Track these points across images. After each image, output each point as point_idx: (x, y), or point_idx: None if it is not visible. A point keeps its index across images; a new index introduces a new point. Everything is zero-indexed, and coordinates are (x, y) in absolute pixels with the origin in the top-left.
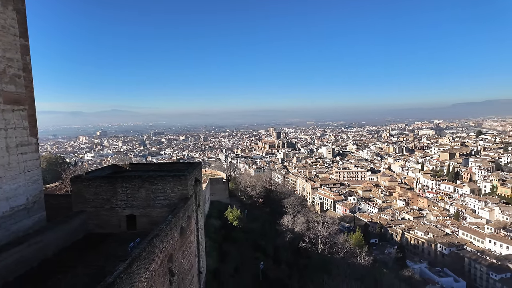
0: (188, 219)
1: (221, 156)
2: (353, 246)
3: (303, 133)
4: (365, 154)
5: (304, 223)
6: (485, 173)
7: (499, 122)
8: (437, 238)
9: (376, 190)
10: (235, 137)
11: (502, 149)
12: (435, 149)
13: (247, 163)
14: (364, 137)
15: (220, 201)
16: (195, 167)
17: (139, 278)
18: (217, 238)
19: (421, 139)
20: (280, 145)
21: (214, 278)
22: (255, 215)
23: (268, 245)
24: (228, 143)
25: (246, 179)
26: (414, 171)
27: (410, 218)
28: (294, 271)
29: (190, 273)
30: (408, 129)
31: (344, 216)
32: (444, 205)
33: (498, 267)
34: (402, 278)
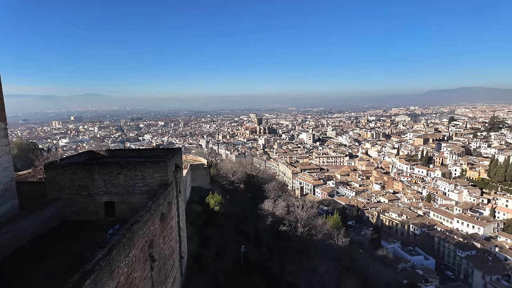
0: (169, 205)
1: (202, 142)
2: (331, 228)
3: (284, 119)
4: (344, 139)
5: (284, 207)
6: (456, 157)
7: (470, 109)
8: (410, 219)
9: (354, 175)
10: (216, 123)
11: (472, 135)
12: (411, 135)
13: (229, 149)
14: (343, 123)
15: (202, 187)
16: (175, 153)
17: (119, 265)
18: (199, 223)
19: (398, 125)
20: (261, 131)
21: (196, 262)
22: (236, 200)
23: (249, 229)
24: (209, 129)
25: (227, 165)
26: (390, 156)
27: (385, 201)
28: (274, 254)
29: (172, 258)
30: (386, 115)
31: (323, 200)
32: (417, 188)
33: (464, 245)
34: (376, 258)
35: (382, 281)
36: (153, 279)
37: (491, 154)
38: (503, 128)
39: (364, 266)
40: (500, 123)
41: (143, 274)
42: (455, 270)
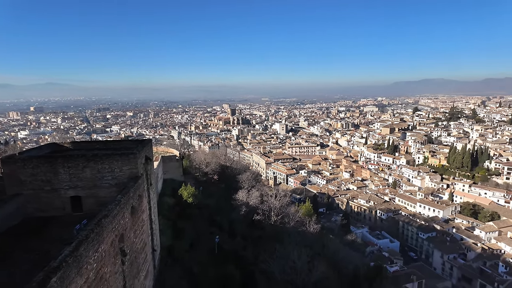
0: (139, 198)
1: (174, 133)
2: (303, 216)
3: (257, 110)
4: (315, 130)
5: (258, 196)
6: (419, 146)
7: (433, 100)
8: (377, 205)
9: (325, 163)
10: (188, 113)
11: (433, 124)
12: (378, 125)
13: (202, 140)
14: (315, 114)
15: (174, 179)
16: (145, 145)
17: (87, 261)
18: (171, 215)
19: (366, 115)
20: (235, 121)
21: (169, 254)
22: (210, 192)
23: (224, 220)
24: (181, 120)
25: (200, 156)
26: (359, 145)
27: (354, 188)
28: (248, 243)
29: (144, 252)
30: (355, 106)
31: (295, 189)
32: (384, 175)
33: (426, 227)
34: (346, 243)
35: (351, 265)
36: (124, 273)
37: (451, 142)
38: (461, 118)
39: (334, 251)
40: (458, 113)
41: (114, 269)
42: (418, 251)
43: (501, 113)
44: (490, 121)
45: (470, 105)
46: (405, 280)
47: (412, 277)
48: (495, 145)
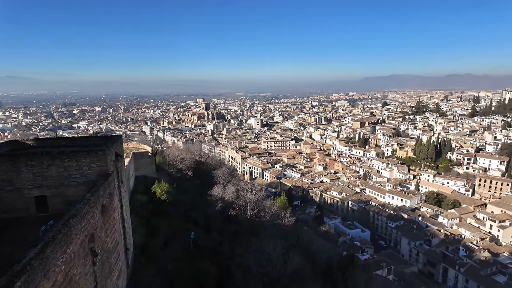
0: (110, 197)
1: (146, 129)
2: (278, 209)
3: (232, 104)
4: (290, 124)
5: (234, 191)
6: (388, 139)
7: (400, 94)
8: (349, 196)
9: (299, 157)
10: (161, 108)
11: (401, 118)
12: (349, 119)
13: (175, 136)
14: (289, 108)
15: (147, 175)
16: (115, 141)
17: (55, 263)
18: (145, 213)
19: (338, 110)
20: (209, 116)
21: (143, 253)
22: (185, 188)
23: (199, 216)
24: (153, 115)
25: (174, 152)
26: (331, 138)
27: (327, 181)
28: (224, 238)
29: (116, 251)
30: (327, 101)
31: (271, 183)
32: (355, 167)
33: (394, 216)
34: (320, 233)
35: (324, 255)
36: (95, 274)
37: (417, 135)
38: (426, 112)
39: (308, 242)
40: (424, 107)
41: (84, 270)
42: (387, 239)
43: (462, 107)
44: (452, 115)
45: (434, 100)
46: (375, 268)
47: (382, 264)
48: (456, 137)
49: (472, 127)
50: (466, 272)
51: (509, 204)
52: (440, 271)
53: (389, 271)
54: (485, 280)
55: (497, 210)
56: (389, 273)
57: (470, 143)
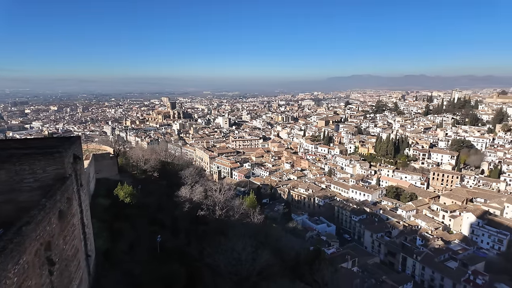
0: (68, 201)
1: (107, 129)
2: (247, 208)
3: (199, 103)
4: (258, 123)
5: (202, 192)
6: (350, 136)
7: (361, 94)
8: (315, 193)
9: (267, 156)
10: (123, 107)
11: (362, 117)
12: (315, 118)
13: (139, 136)
14: (257, 107)
15: (108, 178)
16: (73, 142)
17: (6, 275)
18: (107, 217)
19: (304, 109)
20: (175, 115)
21: (106, 259)
22: (150, 190)
23: (166, 218)
24: (114, 114)
25: (138, 153)
26: (298, 137)
27: (294, 178)
28: (192, 239)
29: (76, 258)
30: (294, 100)
31: (240, 181)
32: (321, 165)
33: (358, 211)
34: (288, 230)
35: (292, 250)
36: (53, 284)
37: (377, 132)
38: (385, 110)
39: (277, 239)
40: (383, 106)
41: (40, 281)
42: (351, 233)
43: (417, 106)
44: (408, 113)
45: (392, 99)
46: (341, 260)
47: (346, 257)
48: (412, 134)
49: (426, 124)
50: (422, 260)
51: (458, 195)
52: (400, 260)
53: (353, 263)
54: (439, 266)
55: (448, 201)
56: (353, 265)
57: (425, 139)
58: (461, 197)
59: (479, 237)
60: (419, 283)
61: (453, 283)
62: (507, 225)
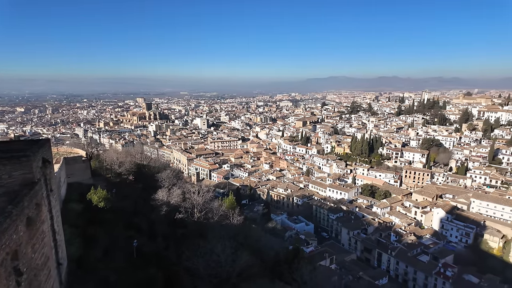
0: (37, 207)
1: (79, 131)
2: (227, 209)
3: (176, 104)
4: (236, 124)
5: (180, 194)
6: (327, 136)
7: (337, 95)
8: (293, 192)
9: (246, 157)
10: (96, 108)
11: (338, 117)
12: (292, 118)
13: (113, 138)
14: (235, 108)
15: (81, 182)
16: (42, 145)
17: None
18: (80, 223)
19: (282, 110)
20: (151, 116)
21: (79, 266)
22: (125, 193)
23: (142, 222)
24: (86, 116)
25: (112, 156)
26: (277, 137)
27: (273, 178)
28: (170, 243)
29: (46, 267)
30: (272, 101)
31: (219, 183)
32: (299, 164)
33: (335, 209)
34: (267, 230)
35: (272, 250)
36: None
37: (352, 132)
38: (360, 111)
39: (256, 239)
40: (358, 107)
41: None
42: (329, 231)
43: (390, 107)
44: (382, 114)
45: (367, 100)
46: (319, 259)
47: (325, 255)
48: (386, 134)
49: (399, 124)
50: (396, 255)
51: (429, 192)
52: (375, 256)
53: (331, 261)
54: (412, 260)
55: (420, 198)
56: (331, 262)
57: (397, 139)
58: (431, 194)
59: (448, 231)
60: (393, 277)
61: (425, 276)
62: (473, 219)
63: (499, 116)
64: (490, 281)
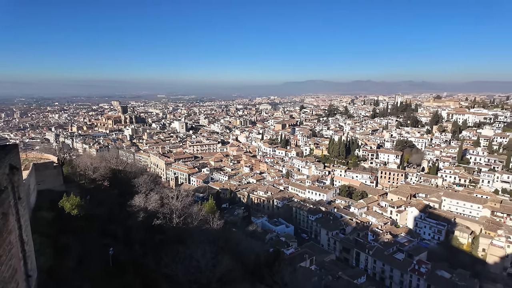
0: (4, 217)
1: (50, 136)
2: (206, 214)
3: (153, 107)
4: (216, 127)
5: (158, 200)
6: (306, 139)
7: (315, 98)
8: (274, 195)
9: (226, 160)
10: (68, 112)
11: (316, 120)
12: (272, 121)
13: (87, 142)
14: (214, 111)
15: (52, 189)
16: (9, 151)
17: None
18: (52, 232)
19: (261, 113)
20: (127, 120)
21: (51, 277)
22: (100, 200)
23: (118, 229)
24: (58, 120)
25: (86, 161)
26: (256, 140)
27: (254, 181)
28: (148, 250)
29: (14, 280)
30: (251, 104)
31: (198, 187)
32: (279, 167)
33: (314, 210)
34: (248, 233)
35: (252, 254)
36: None
37: (330, 135)
38: (337, 114)
39: (237, 243)
40: (335, 110)
41: None
42: (309, 232)
43: (365, 110)
44: (358, 116)
45: (343, 103)
46: (299, 260)
47: (305, 256)
48: (362, 136)
49: (374, 127)
50: (374, 254)
51: (403, 192)
52: (354, 255)
53: (311, 262)
54: (388, 259)
55: (395, 198)
56: (311, 263)
57: (373, 141)
58: (405, 193)
59: (422, 229)
60: (371, 276)
61: (401, 273)
62: (444, 217)
63: (466, 118)
64: (460, 275)
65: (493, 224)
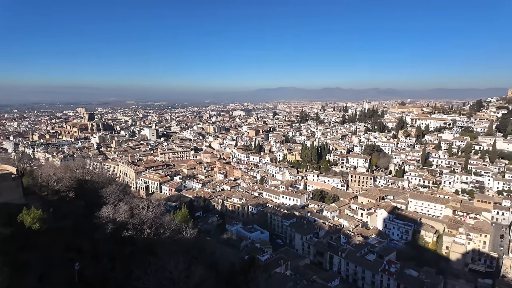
0: None
1: (8, 145)
2: (179, 223)
3: (122, 114)
4: (188, 134)
5: (127, 210)
6: (279, 145)
7: (287, 105)
8: (248, 201)
9: (200, 167)
10: (29, 119)
11: (289, 126)
12: (246, 127)
13: (50, 152)
14: (187, 118)
15: (10, 202)
16: None
17: None
18: (9, 249)
19: (235, 119)
20: (94, 128)
21: None
22: (64, 212)
23: (85, 242)
24: (18, 128)
25: (49, 171)
26: (230, 147)
27: (228, 188)
28: (117, 263)
29: None
30: (224, 110)
31: (171, 196)
32: (253, 173)
33: (288, 215)
34: (223, 241)
35: (227, 262)
36: None
37: (302, 140)
38: (308, 120)
39: (211, 252)
40: (306, 116)
41: None
42: (283, 237)
43: (335, 116)
44: (328, 122)
45: (314, 110)
46: (274, 266)
47: (280, 262)
48: (332, 141)
49: (343, 132)
50: (346, 257)
51: (373, 194)
52: (327, 259)
53: (286, 267)
54: (360, 260)
55: (365, 200)
56: (286, 269)
57: (343, 145)
58: (375, 196)
59: (391, 230)
60: (344, 278)
61: (372, 274)
62: (411, 218)
63: (428, 123)
64: (427, 273)
65: (455, 223)
